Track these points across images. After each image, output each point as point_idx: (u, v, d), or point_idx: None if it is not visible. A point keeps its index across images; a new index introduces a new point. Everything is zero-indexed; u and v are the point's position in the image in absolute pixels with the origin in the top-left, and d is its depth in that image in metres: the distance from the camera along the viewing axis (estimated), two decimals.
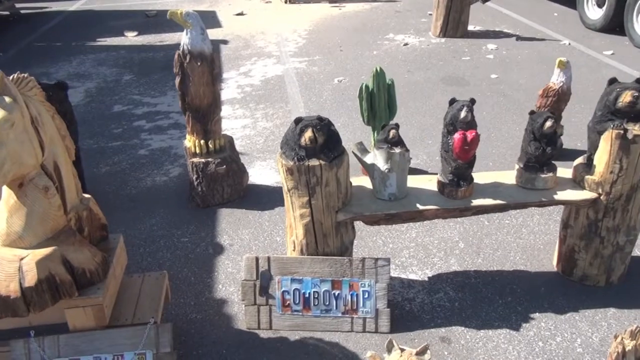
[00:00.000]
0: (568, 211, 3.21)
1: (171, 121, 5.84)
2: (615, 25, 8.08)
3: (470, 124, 2.90)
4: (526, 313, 3.09)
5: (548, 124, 2.94)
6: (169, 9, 3.87)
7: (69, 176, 2.58)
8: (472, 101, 2.94)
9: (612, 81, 2.98)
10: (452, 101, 2.96)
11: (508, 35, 8.46)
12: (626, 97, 2.85)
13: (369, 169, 3.00)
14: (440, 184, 3.05)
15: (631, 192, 2.96)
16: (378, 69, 4.26)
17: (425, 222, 3.86)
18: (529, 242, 3.70)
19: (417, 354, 2.07)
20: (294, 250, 3.06)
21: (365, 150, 3.03)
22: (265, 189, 4.44)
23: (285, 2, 11.06)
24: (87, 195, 2.74)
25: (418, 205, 2.96)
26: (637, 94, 2.83)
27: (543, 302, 3.16)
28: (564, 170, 3.25)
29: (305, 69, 7.28)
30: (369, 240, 3.77)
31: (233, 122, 5.76)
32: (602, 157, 2.94)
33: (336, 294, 2.97)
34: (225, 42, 8.68)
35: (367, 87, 4.27)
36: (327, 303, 2.99)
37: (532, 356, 2.82)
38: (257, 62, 7.67)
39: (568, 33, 8.48)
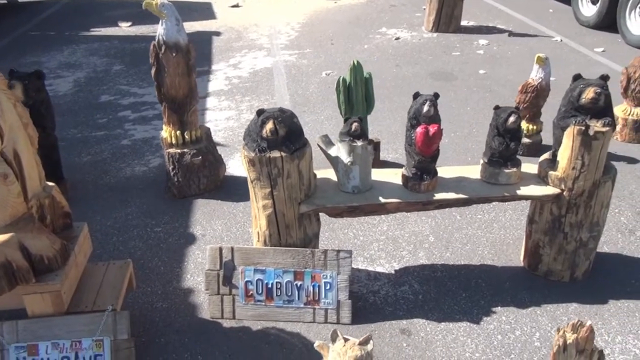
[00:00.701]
0: (533, 207, 3.22)
1: (156, 112, 5.86)
2: (608, 22, 8.04)
3: (433, 118, 2.91)
4: (488, 307, 3.11)
5: (512, 119, 2.95)
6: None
7: (30, 164, 2.61)
8: (436, 95, 2.96)
9: (577, 77, 2.98)
10: (416, 95, 2.97)
11: (501, 31, 8.43)
12: (589, 94, 2.85)
13: (333, 162, 3.02)
14: (404, 177, 3.06)
15: (593, 189, 2.97)
16: (355, 63, 4.27)
17: (397, 215, 3.88)
18: (499, 236, 3.71)
19: (360, 344, 2.09)
20: (258, 241, 3.08)
21: (330, 143, 3.04)
22: (242, 180, 4.45)
23: None
24: (50, 184, 2.77)
25: (381, 198, 2.98)
26: (599, 91, 2.83)
27: (506, 297, 3.18)
28: (532, 166, 3.26)
29: (294, 62, 7.28)
30: (340, 232, 3.79)
31: (218, 114, 5.78)
32: (564, 153, 2.95)
33: (298, 284, 3.00)
34: (217, 33, 8.69)
35: (344, 80, 4.28)
36: (290, 294, 3.01)
37: (489, 349, 2.84)
38: (248, 54, 7.68)
39: (561, 30, 8.44)
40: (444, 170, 3.22)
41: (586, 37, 8.08)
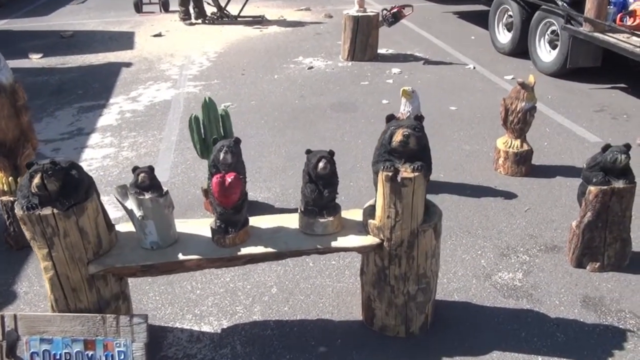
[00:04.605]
0: (362, 257, 2.97)
1: None
2: (522, 49, 8.00)
3: (234, 166, 2.65)
4: None
5: (321, 165, 2.71)
6: (89, 30, 3.58)
7: None
8: (237, 141, 2.71)
9: (390, 118, 2.77)
10: (215, 141, 2.72)
11: (417, 59, 8.34)
12: (397, 136, 2.63)
13: (130, 216, 2.73)
14: (212, 230, 2.78)
15: (412, 239, 2.73)
16: (207, 99, 4.04)
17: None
18: (347, 285, 3.45)
19: None
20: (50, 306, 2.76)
21: (126, 195, 2.75)
22: None
23: (211, 23, 10.83)
24: None
25: (180, 255, 2.69)
26: (407, 133, 2.61)
27: (333, 357, 2.90)
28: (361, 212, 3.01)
29: (197, 94, 7.02)
30: (177, 285, 3.48)
31: (95, 152, 5.45)
32: (379, 201, 2.72)
33: (90, 354, 2.67)
34: (128, 64, 8.39)
35: (196, 118, 4.04)
36: None
37: None
38: (152, 86, 7.39)
39: (478, 57, 8.39)
40: (263, 220, 2.95)
41: (500, 64, 8.04)
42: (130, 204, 2.70)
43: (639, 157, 5.03)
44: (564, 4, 6.83)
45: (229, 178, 2.60)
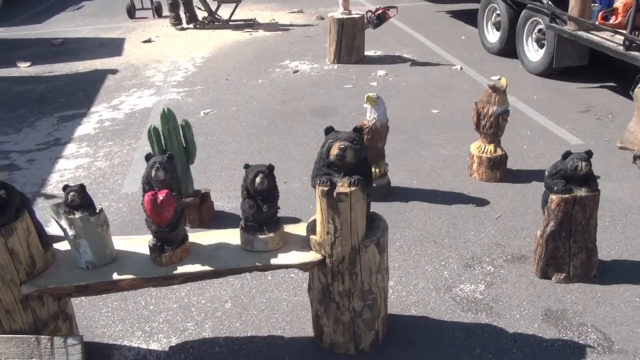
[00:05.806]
0: (308, 273, 2.88)
1: (6, 162, 5.49)
2: (510, 49, 7.86)
3: (167, 183, 2.58)
4: None
5: (258, 180, 2.63)
6: (80, 37, 3.54)
7: None
8: (170, 157, 2.64)
9: (328, 130, 2.68)
10: (148, 157, 2.65)
11: (405, 60, 8.23)
12: (334, 150, 2.55)
13: (65, 235, 2.67)
14: (149, 248, 2.71)
15: (354, 255, 2.64)
16: (166, 111, 3.99)
17: None
18: (302, 300, 3.36)
19: None
20: None
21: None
22: None
23: (202, 27, 10.78)
24: None
25: (114, 275, 2.63)
26: (343, 146, 2.52)
27: None
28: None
29: (179, 101, 6.98)
30: (131, 301, 3.41)
31: (69, 162, 5.42)
32: (318, 216, 2.64)
33: None
34: (114, 71, 8.37)
35: (155, 129, 3.98)
36: None
37: None
38: (135, 93, 7.36)
39: (467, 57, 8.26)
40: (205, 236, 2.88)
41: (488, 64, 7.90)
42: (64, 223, 2.64)
43: (619, 159, 4.91)
44: (549, 2, 6.69)
45: (160, 195, 2.53)
